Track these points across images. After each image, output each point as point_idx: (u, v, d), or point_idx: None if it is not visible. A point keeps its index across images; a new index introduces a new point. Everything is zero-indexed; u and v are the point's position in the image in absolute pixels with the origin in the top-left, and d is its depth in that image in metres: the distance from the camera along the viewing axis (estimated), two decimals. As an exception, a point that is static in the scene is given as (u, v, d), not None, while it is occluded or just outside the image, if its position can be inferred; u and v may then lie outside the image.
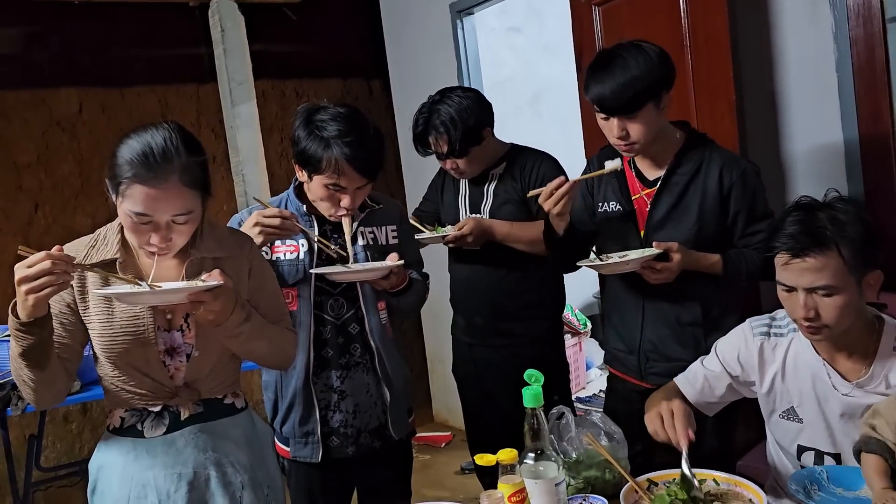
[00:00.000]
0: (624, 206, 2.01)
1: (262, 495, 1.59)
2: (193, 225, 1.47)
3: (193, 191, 1.42)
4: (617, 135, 1.89)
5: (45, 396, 1.47)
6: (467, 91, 2.44)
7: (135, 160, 1.37)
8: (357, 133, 1.80)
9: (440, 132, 2.35)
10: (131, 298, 1.40)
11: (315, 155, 1.80)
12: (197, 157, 1.43)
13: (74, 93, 3.64)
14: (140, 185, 1.37)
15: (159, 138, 1.39)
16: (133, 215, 1.39)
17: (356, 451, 1.96)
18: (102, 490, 1.55)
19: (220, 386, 1.59)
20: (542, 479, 1.35)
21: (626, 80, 1.82)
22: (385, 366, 1.98)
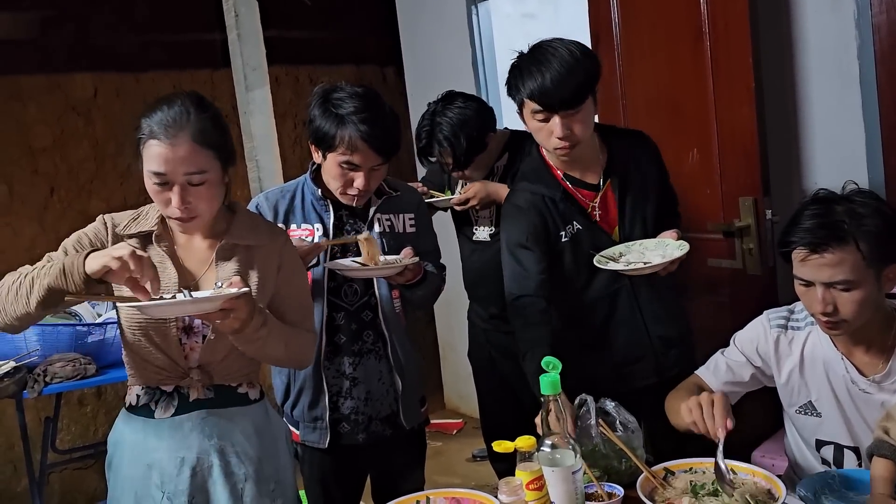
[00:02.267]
0: (585, 221, 1.89)
1: (268, 490, 1.58)
2: (212, 190, 1.48)
3: (207, 150, 1.45)
4: (561, 134, 1.75)
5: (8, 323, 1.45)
6: (468, 99, 2.42)
7: (151, 119, 1.45)
8: (372, 111, 1.80)
9: (443, 147, 2.34)
10: (164, 310, 1.38)
11: (329, 132, 1.80)
12: (209, 118, 1.47)
13: (90, 77, 3.64)
14: (154, 140, 1.43)
15: (175, 99, 1.47)
16: (151, 175, 1.44)
17: (367, 439, 1.96)
18: (116, 466, 1.58)
19: (235, 374, 1.59)
20: (559, 466, 1.35)
21: (567, 70, 1.71)
22: (398, 354, 1.98)
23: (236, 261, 1.55)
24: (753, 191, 2.39)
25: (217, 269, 1.54)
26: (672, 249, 1.82)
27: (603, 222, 1.92)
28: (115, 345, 2.73)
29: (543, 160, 1.95)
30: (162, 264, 1.51)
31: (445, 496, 1.49)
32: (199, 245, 1.57)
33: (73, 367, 2.57)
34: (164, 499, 1.50)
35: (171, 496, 1.50)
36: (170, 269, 1.52)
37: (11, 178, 3.45)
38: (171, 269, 1.52)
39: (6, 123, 3.43)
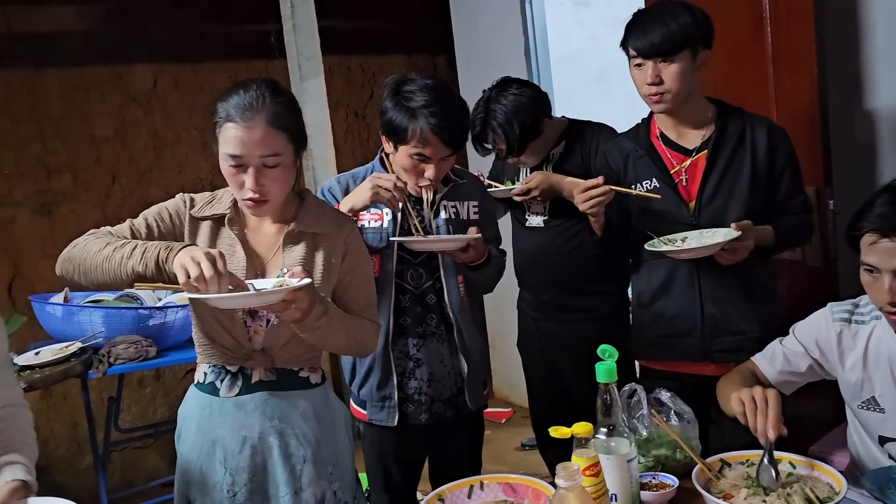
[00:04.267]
0: (663, 182, 1.97)
1: (325, 473, 1.61)
2: (285, 173, 1.51)
3: (281, 133, 1.48)
4: (650, 80, 1.88)
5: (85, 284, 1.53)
6: (523, 86, 2.41)
7: (227, 103, 1.48)
8: (443, 104, 1.83)
9: (497, 134, 2.34)
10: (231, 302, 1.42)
11: (401, 125, 1.83)
12: (284, 102, 1.51)
13: (149, 68, 3.74)
14: (230, 123, 1.46)
15: (250, 84, 1.51)
16: (228, 158, 1.48)
17: (429, 419, 1.99)
18: (184, 438, 1.63)
19: (297, 359, 1.62)
20: (615, 454, 1.35)
21: (665, 22, 1.85)
22: (463, 337, 2.01)
23: (303, 247, 1.58)
24: (815, 181, 2.33)
25: (284, 254, 1.57)
26: (713, 237, 1.83)
27: (684, 189, 1.96)
28: (175, 328, 2.81)
29: (649, 117, 2.07)
30: (232, 247, 1.56)
31: (499, 481, 1.50)
32: (268, 230, 1.61)
33: (135, 348, 2.66)
34: (226, 474, 1.54)
35: (233, 472, 1.55)
36: (239, 253, 1.56)
37: (76, 166, 3.57)
38: (240, 252, 1.56)
39: (71, 113, 3.55)
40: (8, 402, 1.49)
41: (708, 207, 1.93)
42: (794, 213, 1.98)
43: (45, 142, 3.50)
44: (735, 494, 1.40)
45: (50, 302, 2.82)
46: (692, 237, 1.88)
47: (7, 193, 3.42)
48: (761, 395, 1.47)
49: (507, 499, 1.48)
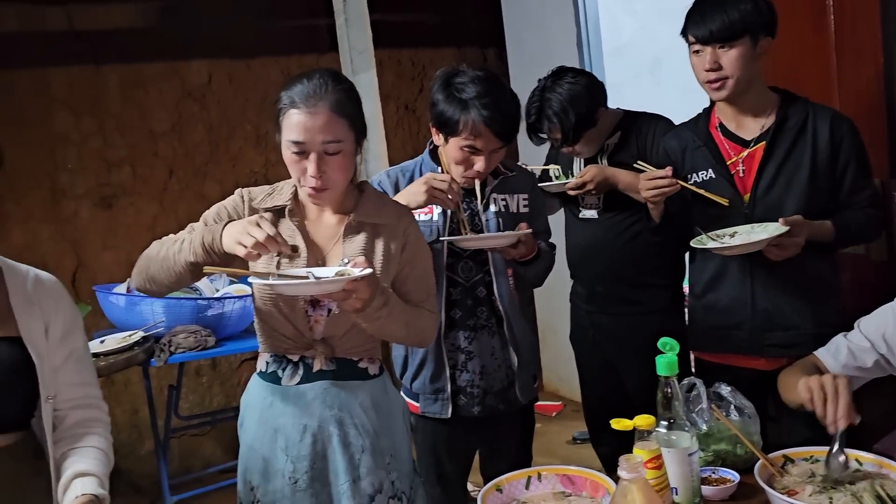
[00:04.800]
0: (719, 173, 1.95)
1: (383, 463, 1.62)
2: (346, 160, 1.53)
3: (343, 119, 1.50)
4: (708, 66, 1.86)
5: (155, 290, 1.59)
6: (578, 74, 2.39)
7: (291, 90, 1.51)
8: (494, 96, 1.83)
9: (553, 122, 2.33)
10: (292, 290, 1.46)
11: (453, 117, 1.84)
12: (345, 90, 1.53)
13: (205, 64, 3.82)
14: (294, 109, 1.49)
15: (313, 73, 1.53)
16: (290, 145, 1.50)
17: (482, 412, 2.00)
18: (247, 426, 1.67)
19: (357, 349, 1.64)
20: (675, 448, 1.34)
21: (725, 9, 1.83)
22: (513, 330, 2.01)
23: (363, 238, 1.60)
24: (880, 173, 2.26)
25: (344, 245, 1.59)
26: (762, 232, 1.80)
27: (740, 181, 1.94)
28: (232, 318, 2.88)
29: (710, 108, 2.05)
30: (293, 238, 1.58)
31: (557, 473, 1.50)
32: (329, 221, 1.63)
33: (194, 338, 2.73)
34: (288, 462, 1.58)
35: (294, 460, 1.58)
36: (300, 244, 1.58)
37: (135, 160, 3.67)
38: (301, 243, 1.59)
39: (130, 109, 3.65)
40: (86, 403, 1.50)
41: (763, 200, 1.90)
42: (860, 209, 1.92)
43: (105, 136, 3.61)
44: (800, 490, 1.38)
45: (113, 292, 2.91)
46: (742, 232, 1.85)
47: (70, 187, 3.53)
48: (831, 382, 1.44)
49: (564, 490, 1.48)
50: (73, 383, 1.48)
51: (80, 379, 1.49)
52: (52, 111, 3.51)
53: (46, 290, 1.48)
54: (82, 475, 1.37)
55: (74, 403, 1.48)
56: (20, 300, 1.43)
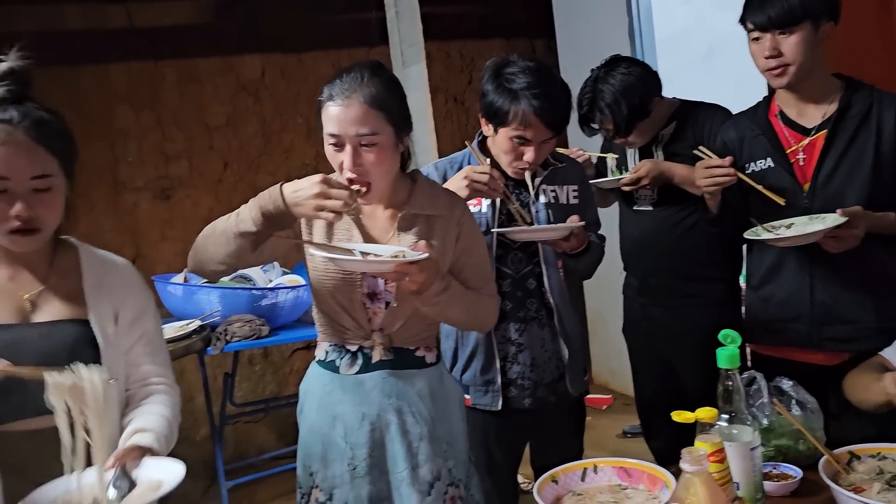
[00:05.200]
0: (778, 162, 1.91)
1: (441, 450, 1.63)
2: (383, 154, 1.52)
3: (378, 112, 1.49)
4: (768, 52, 1.82)
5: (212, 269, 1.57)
6: (632, 64, 2.35)
7: (331, 85, 1.52)
8: (545, 86, 1.82)
9: (605, 114, 2.29)
10: (343, 264, 1.51)
11: (503, 107, 1.83)
12: (383, 82, 1.52)
13: (258, 59, 3.88)
14: (330, 102, 1.50)
15: (354, 67, 1.54)
16: (328, 137, 1.52)
17: (532, 404, 2.00)
18: (306, 413, 1.69)
19: (414, 338, 1.65)
20: (737, 442, 1.31)
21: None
22: (563, 322, 2.00)
23: (416, 231, 1.61)
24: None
25: (399, 238, 1.61)
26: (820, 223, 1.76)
27: (800, 171, 1.90)
28: (285, 308, 2.93)
29: (770, 95, 2.01)
30: (349, 232, 1.61)
31: (613, 465, 1.49)
32: (382, 215, 1.64)
33: (249, 327, 2.78)
34: (347, 448, 1.60)
35: (353, 447, 1.60)
36: (356, 237, 1.60)
37: (191, 153, 3.76)
38: (357, 236, 1.60)
39: (186, 103, 3.74)
40: (156, 382, 1.51)
41: (823, 190, 1.85)
42: None
43: (163, 130, 3.70)
44: (867, 488, 1.34)
45: (171, 282, 2.98)
46: (798, 223, 1.81)
47: (131, 179, 3.63)
48: None
49: (621, 483, 1.46)
50: (144, 364, 1.50)
51: (150, 360, 1.51)
52: (113, 106, 3.61)
53: (119, 275, 1.50)
54: (141, 431, 1.38)
55: (144, 383, 1.50)
56: (92, 284, 1.45)
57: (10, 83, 1.35)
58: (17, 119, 1.32)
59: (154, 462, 1.31)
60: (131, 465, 1.28)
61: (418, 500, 1.58)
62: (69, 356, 1.31)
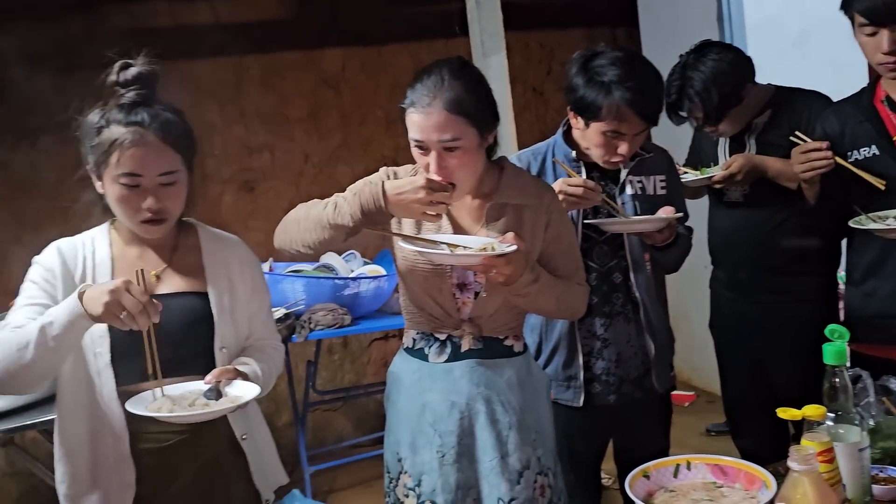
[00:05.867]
0: (884, 150, 1.82)
1: (529, 439, 1.63)
2: (467, 156, 1.52)
3: (459, 117, 1.48)
4: (887, 48, 1.74)
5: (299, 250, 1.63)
6: (724, 50, 2.26)
7: (413, 89, 1.52)
8: (638, 77, 1.77)
9: (694, 102, 2.21)
10: (432, 257, 1.52)
11: (595, 102, 1.78)
12: (464, 84, 1.50)
13: (339, 52, 3.93)
14: (412, 109, 1.51)
15: (433, 68, 1.53)
16: (412, 141, 1.53)
17: (617, 400, 1.96)
18: (393, 400, 1.71)
19: (503, 327, 1.65)
20: (844, 442, 1.25)
21: None
22: (649, 317, 1.96)
23: (505, 221, 1.61)
24: None
25: (488, 229, 1.60)
26: None
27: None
28: (367, 298, 2.96)
29: (874, 81, 1.95)
30: (438, 222, 1.61)
31: (708, 462, 1.45)
32: (470, 205, 1.65)
33: (332, 316, 2.83)
34: (435, 436, 1.61)
35: (441, 435, 1.61)
36: (446, 226, 1.61)
37: (274, 146, 3.84)
38: (447, 225, 1.61)
39: (268, 97, 3.82)
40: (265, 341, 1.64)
41: None
42: None
43: (246, 124, 3.79)
44: None
45: (256, 271, 3.05)
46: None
47: (216, 172, 3.74)
48: None
49: (716, 481, 1.42)
50: (257, 330, 1.62)
51: (262, 326, 1.64)
52: (200, 101, 3.72)
53: (234, 251, 1.62)
54: (243, 363, 1.53)
55: (257, 341, 1.63)
56: (213, 260, 1.58)
57: (140, 87, 1.47)
58: (147, 121, 1.44)
59: (242, 384, 1.48)
60: (224, 382, 1.46)
61: (507, 489, 1.58)
62: (186, 325, 1.50)
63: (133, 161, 1.42)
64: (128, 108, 1.45)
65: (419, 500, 1.61)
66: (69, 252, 1.50)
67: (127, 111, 1.45)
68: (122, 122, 1.43)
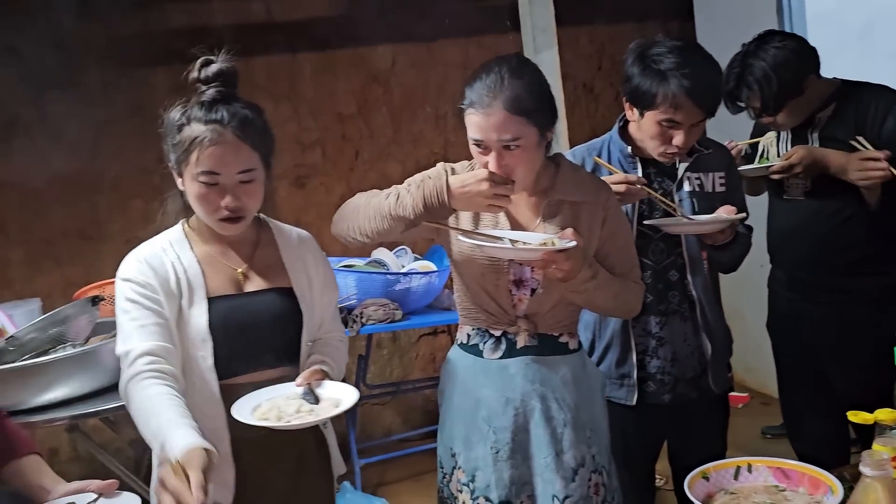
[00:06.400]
0: None
1: (584, 437, 1.63)
2: (527, 153, 1.52)
3: (519, 117, 1.48)
4: None
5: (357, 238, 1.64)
6: (787, 38, 2.20)
7: (472, 88, 1.52)
8: (696, 65, 1.74)
9: (752, 89, 2.15)
10: (491, 251, 1.53)
11: (650, 90, 1.76)
12: (524, 83, 1.49)
13: (389, 49, 3.95)
14: (472, 109, 1.51)
15: (492, 66, 1.51)
16: (472, 141, 1.53)
17: (672, 399, 1.93)
18: (447, 395, 1.72)
19: (558, 324, 1.65)
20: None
21: None
22: (707, 316, 1.93)
23: (562, 218, 1.60)
24: None
25: (544, 226, 1.60)
26: None
27: None
28: (417, 293, 2.98)
29: None
30: (495, 218, 1.62)
31: (770, 465, 1.42)
32: (527, 201, 1.65)
33: (383, 311, 2.85)
34: (490, 432, 1.61)
35: (496, 431, 1.61)
36: (503, 223, 1.61)
37: (325, 143, 3.88)
38: (503, 222, 1.62)
39: (320, 94, 3.86)
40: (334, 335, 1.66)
41: None
42: None
43: (299, 120, 3.83)
44: None
45: (308, 266, 3.09)
46: None
47: (270, 168, 3.79)
48: None
49: (778, 484, 1.39)
50: (327, 323, 1.64)
51: (331, 319, 1.65)
52: (254, 98, 3.68)
53: (308, 246, 1.64)
54: (321, 361, 1.55)
55: (326, 335, 1.64)
56: (290, 255, 1.60)
57: (220, 84, 1.48)
58: (226, 119, 1.44)
59: (333, 385, 1.51)
60: (315, 383, 1.48)
61: (562, 486, 1.58)
62: (278, 321, 1.53)
63: (212, 159, 1.43)
64: (208, 106, 1.45)
65: (473, 496, 1.61)
66: (155, 261, 1.49)
67: (207, 108, 1.45)
68: (202, 119, 1.44)
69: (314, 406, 1.43)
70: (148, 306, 1.45)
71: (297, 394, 1.46)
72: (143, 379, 1.38)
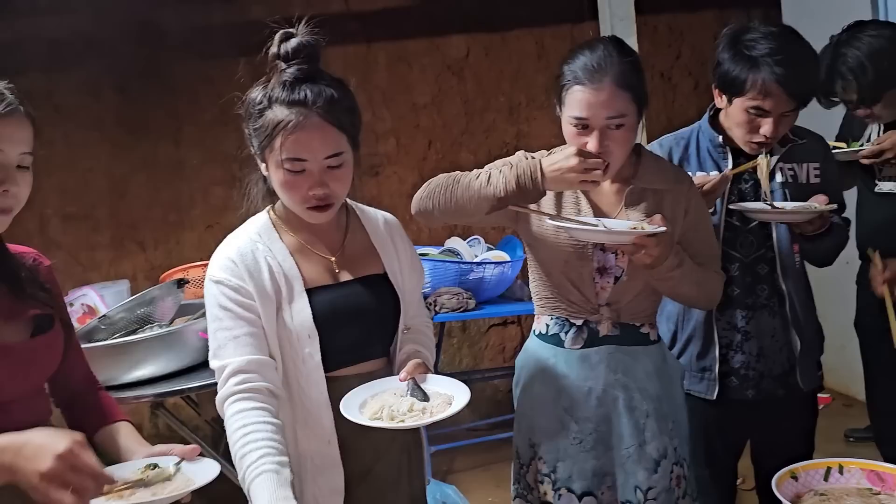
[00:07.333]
0: None
1: (667, 428, 1.61)
2: (627, 134, 1.50)
3: (626, 93, 1.47)
4: None
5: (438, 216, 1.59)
6: (881, 27, 2.11)
7: (574, 64, 1.49)
8: (790, 52, 1.67)
9: (847, 80, 2.07)
10: (581, 235, 1.51)
11: (739, 76, 1.70)
12: (630, 61, 1.49)
13: (463, 39, 3.95)
14: (578, 86, 1.47)
15: (596, 44, 1.50)
16: (572, 120, 1.50)
17: (756, 395, 1.88)
18: (525, 387, 1.71)
19: (640, 314, 1.63)
20: None
21: None
22: (797, 311, 1.87)
23: (645, 206, 1.58)
24: None
25: (627, 213, 1.58)
26: None
27: None
28: (490, 283, 2.98)
29: None
30: (577, 205, 1.61)
31: (863, 467, 1.37)
32: (609, 189, 1.63)
33: (457, 299, 2.87)
34: (572, 423, 1.60)
35: (578, 421, 1.60)
36: (585, 210, 1.60)
37: (399, 132, 3.91)
38: (586, 209, 1.60)
39: (395, 84, 3.89)
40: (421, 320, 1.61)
41: None
42: None
43: (374, 110, 3.87)
44: None
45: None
46: None
47: (345, 157, 3.84)
48: None
49: (872, 487, 1.34)
50: (413, 307, 1.57)
51: (417, 303, 1.60)
52: (330, 87, 3.82)
53: (394, 229, 1.56)
54: (417, 353, 1.50)
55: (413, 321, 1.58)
56: (380, 240, 1.52)
57: (301, 61, 1.36)
58: (310, 99, 1.32)
59: (438, 379, 1.45)
60: (420, 378, 1.40)
61: (645, 477, 1.56)
62: (380, 308, 1.47)
63: (297, 145, 1.32)
64: (290, 86, 1.33)
65: (555, 487, 1.61)
66: (247, 258, 1.39)
67: (290, 89, 1.33)
68: (284, 101, 1.32)
69: (426, 404, 1.35)
70: (241, 314, 1.36)
71: (403, 389, 1.37)
72: (236, 402, 1.32)
